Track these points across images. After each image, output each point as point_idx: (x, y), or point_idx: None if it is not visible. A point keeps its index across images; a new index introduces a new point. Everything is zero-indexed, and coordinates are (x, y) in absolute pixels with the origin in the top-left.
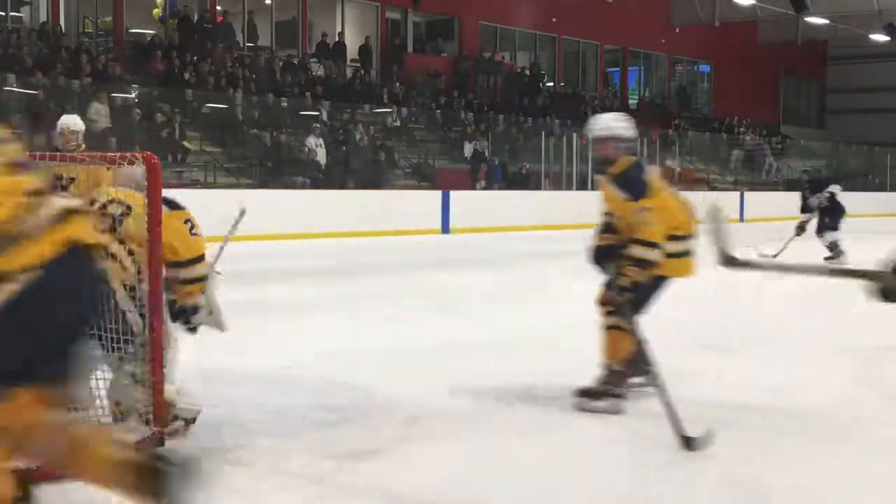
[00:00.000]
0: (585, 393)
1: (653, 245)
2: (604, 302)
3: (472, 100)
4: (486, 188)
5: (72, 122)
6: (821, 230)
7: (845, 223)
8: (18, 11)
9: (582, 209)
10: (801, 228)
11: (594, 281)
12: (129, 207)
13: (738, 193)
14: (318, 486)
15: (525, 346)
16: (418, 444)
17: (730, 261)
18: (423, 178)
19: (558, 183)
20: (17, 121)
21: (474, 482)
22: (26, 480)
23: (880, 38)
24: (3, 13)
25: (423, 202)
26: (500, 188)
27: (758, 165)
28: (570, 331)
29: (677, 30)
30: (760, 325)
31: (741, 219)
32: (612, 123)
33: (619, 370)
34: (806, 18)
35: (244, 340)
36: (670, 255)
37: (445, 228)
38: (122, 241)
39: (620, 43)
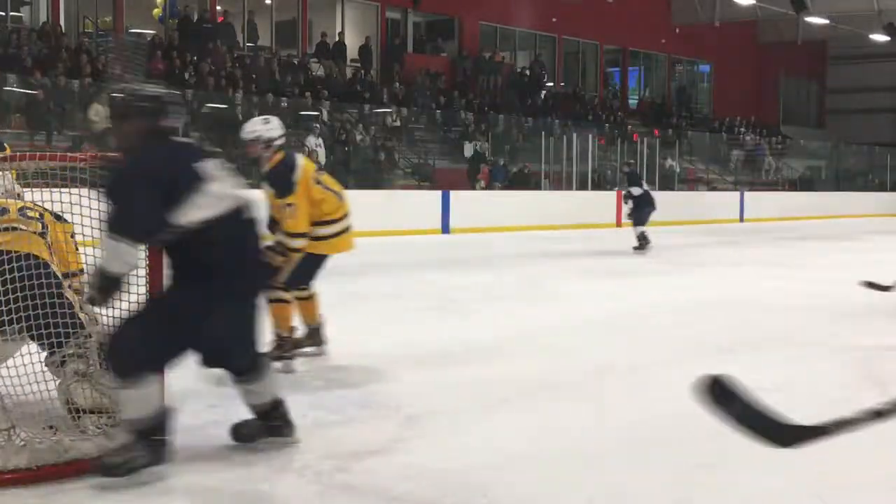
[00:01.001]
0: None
1: (296, 235)
2: None
3: (472, 100)
4: (486, 188)
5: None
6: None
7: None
8: (18, 11)
9: (582, 209)
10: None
11: (594, 281)
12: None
13: (737, 193)
14: (317, 486)
15: (525, 346)
16: (418, 444)
17: None
18: (424, 178)
19: (558, 183)
20: (17, 121)
21: (474, 482)
22: None
23: (880, 38)
24: (3, 13)
25: (423, 202)
26: (501, 188)
27: (758, 165)
28: (570, 330)
29: (677, 30)
30: (760, 325)
31: (741, 219)
32: (257, 127)
33: (285, 336)
34: (806, 18)
35: None
36: (324, 238)
37: (445, 228)
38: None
39: (620, 43)
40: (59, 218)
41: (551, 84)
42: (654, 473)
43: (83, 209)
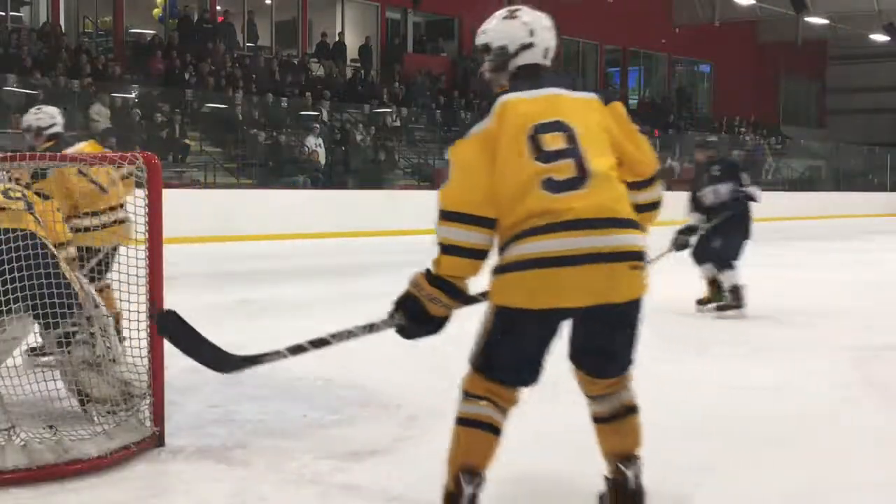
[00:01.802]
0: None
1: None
2: None
3: (472, 100)
4: None
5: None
6: None
7: None
8: (18, 11)
9: None
10: None
11: None
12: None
13: None
14: (317, 486)
15: None
16: (418, 444)
17: None
18: (423, 178)
19: None
20: (17, 121)
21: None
22: None
23: (880, 38)
24: (3, 13)
25: (422, 202)
26: None
27: (758, 166)
28: None
29: (677, 30)
30: (759, 325)
31: None
32: (29, 117)
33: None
34: (806, 18)
35: (244, 340)
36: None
37: None
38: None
39: (620, 43)
40: (45, 197)
41: None
42: (652, 472)
43: None
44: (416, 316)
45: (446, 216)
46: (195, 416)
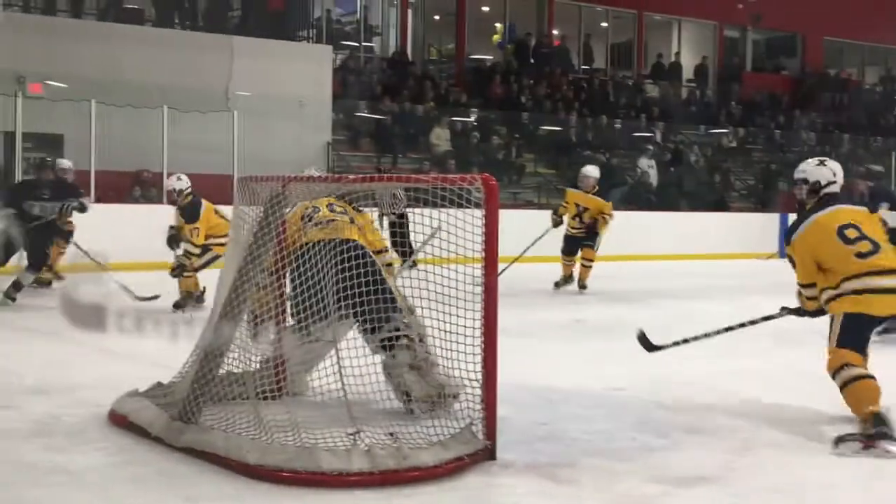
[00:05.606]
0: None
1: None
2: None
3: (815, 119)
4: None
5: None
6: None
7: None
8: (370, 42)
9: None
10: None
11: None
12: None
13: None
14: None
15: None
16: (751, 475)
17: None
18: (760, 201)
19: None
20: (366, 144)
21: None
22: None
23: None
24: (357, 43)
25: (759, 225)
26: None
27: None
28: None
29: None
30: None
31: None
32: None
33: None
34: None
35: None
36: None
37: (783, 252)
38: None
39: None
40: (358, 210)
41: None
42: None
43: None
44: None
45: None
46: (524, 431)
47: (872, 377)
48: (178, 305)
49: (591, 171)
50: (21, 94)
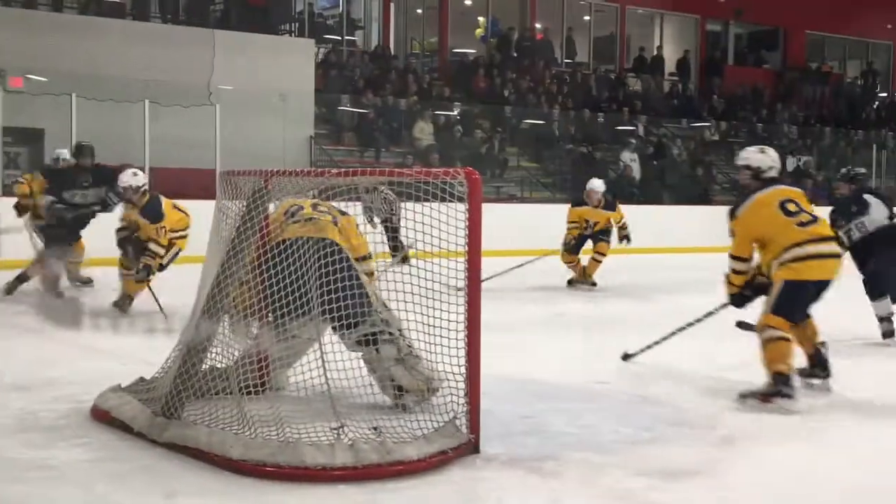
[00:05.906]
0: None
1: None
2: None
3: (797, 112)
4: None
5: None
6: None
7: None
8: (353, 35)
9: None
10: None
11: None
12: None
13: None
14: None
15: None
16: (735, 468)
17: None
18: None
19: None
20: (349, 139)
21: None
22: None
23: None
24: (340, 37)
25: None
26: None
27: None
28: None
29: None
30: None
31: None
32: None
33: None
34: None
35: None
36: None
37: None
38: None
39: None
40: (342, 213)
41: (885, 94)
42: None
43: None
44: None
45: None
46: (507, 425)
47: (788, 339)
48: (117, 304)
49: (598, 185)
50: (1, 88)
